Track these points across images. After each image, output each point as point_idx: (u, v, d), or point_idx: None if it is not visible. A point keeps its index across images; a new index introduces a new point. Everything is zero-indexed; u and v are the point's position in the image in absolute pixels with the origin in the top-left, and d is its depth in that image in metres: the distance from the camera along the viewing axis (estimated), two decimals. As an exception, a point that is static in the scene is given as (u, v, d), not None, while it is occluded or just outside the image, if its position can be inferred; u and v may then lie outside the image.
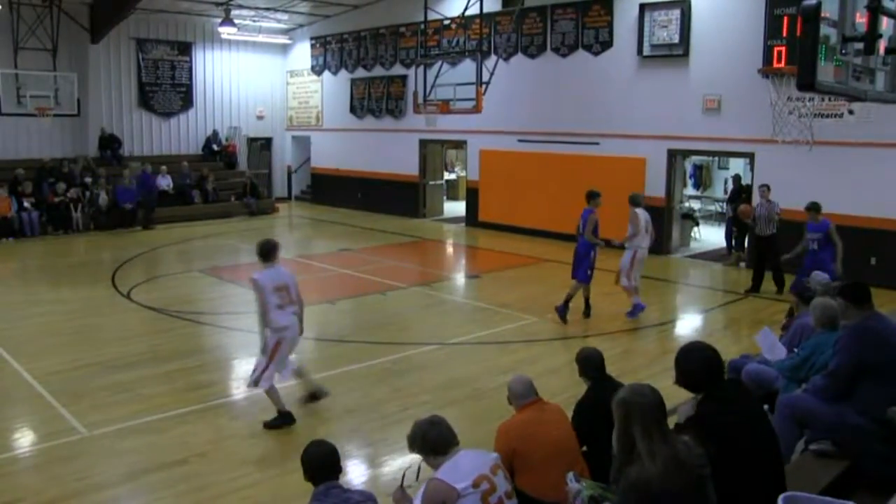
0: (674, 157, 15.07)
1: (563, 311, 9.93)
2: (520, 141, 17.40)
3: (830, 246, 10.04)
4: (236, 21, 20.40)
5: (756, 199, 11.93)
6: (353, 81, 21.99)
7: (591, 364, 4.77)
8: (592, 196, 10.22)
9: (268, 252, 6.69)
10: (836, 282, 7.02)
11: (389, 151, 20.99)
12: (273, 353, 6.60)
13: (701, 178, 20.49)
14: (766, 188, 11.69)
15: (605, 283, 12.00)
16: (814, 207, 10.33)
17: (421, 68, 15.20)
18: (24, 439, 6.46)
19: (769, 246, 11.61)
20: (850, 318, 4.62)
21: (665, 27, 14.50)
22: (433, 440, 3.71)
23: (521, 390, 4.37)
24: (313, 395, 7.03)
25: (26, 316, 10.41)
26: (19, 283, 13.45)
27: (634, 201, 10.53)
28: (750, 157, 14.19)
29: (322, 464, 3.55)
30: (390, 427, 6.55)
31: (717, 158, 19.50)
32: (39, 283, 13.25)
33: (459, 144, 20.35)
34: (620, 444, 3.02)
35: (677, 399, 4.03)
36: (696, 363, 3.58)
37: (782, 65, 11.28)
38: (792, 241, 11.39)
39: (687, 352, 3.66)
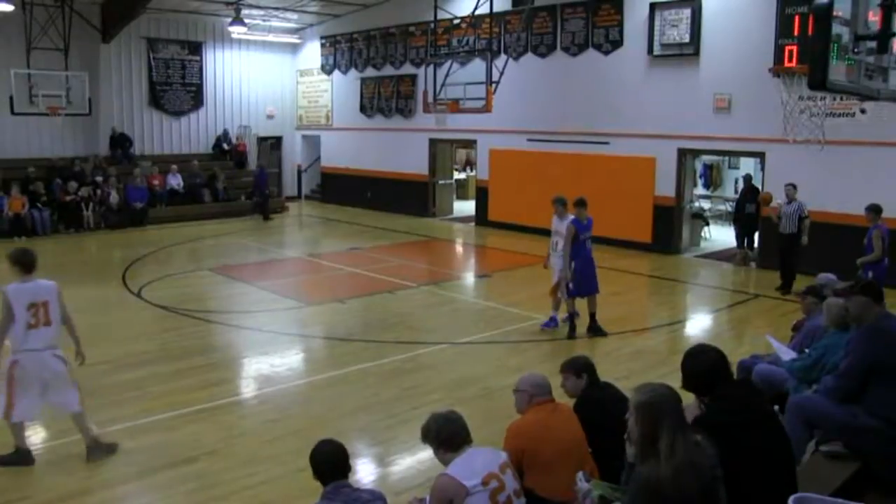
0: (684, 156, 15.01)
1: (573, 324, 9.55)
2: (529, 140, 17.37)
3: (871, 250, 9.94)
4: (246, 20, 20.45)
5: (780, 197, 11.86)
6: (363, 81, 22.02)
7: (587, 367, 4.73)
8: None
9: (25, 264, 5.81)
10: (843, 283, 6.96)
11: (399, 151, 21.00)
12: (10, 379, 5.63)
13: (711, 178, 20.43)
14: (791, 187, 11.64)
15: (612, 284, 11.98)
16: (871, 209, 10.11)
17: (431, 67, 15.18)
18: (35, 436, 6.48)
19: (790, 244, 11.60)
20: (869, 315, 4.54)
21: (675, 26, 14.45)
22: (446, 435, 3.71)
23: (537, 388, 4.29)
24: (95, 448, 5.89)
25: (38, 314, 10.45)
26: (31, 281, 13.52)
27: (566, 204, 9.35)
28: (761, 156, 14.12)
29: (331, 463, 3.54)
30: (399, 426, 6.56)
31: (727, 158, 19.42)
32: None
33: (469, 144, 20.34)
34: (643, 447, 2.97)
35: (684, 400, 4.01)
36: (703, 366, 3.56)
37: (793, 64, 11.20)
38: (814, 240, 11.40)
39: (693, 355, 3.63)
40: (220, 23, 21.67)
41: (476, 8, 15.34)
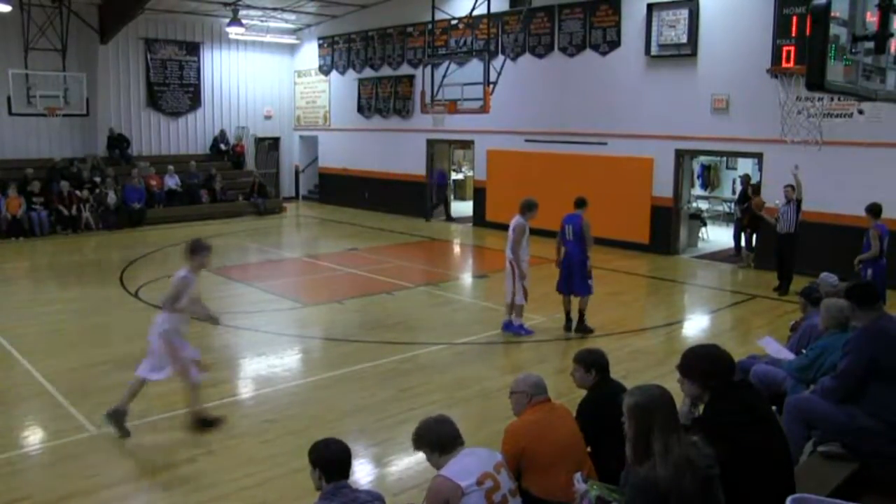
0: (682, 157, 15.02)
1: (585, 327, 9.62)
2: (527, 141, 17.38)
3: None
4: (244, 21, 20.45)
5: (779, 198, 11.88)
6: (361, 81, 22.02)
7: (598, 364, 4.73)
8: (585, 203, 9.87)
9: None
10: (842, 283, 6.98)
11: (397, 151, 20.99)
12: None
13: (709, 179, 20.43)
14: (790, 188, 11.65)
15: (610, 283, 12.00)
16: (871, 209, 10.08)
17: (428, 68, 15.19)
18: (33, 437, 6.49)
19: (789, 244, 11.62)
20: (857, 319, 4.58)
21: (673, 27, 14.46)
22: (439, 438, 3.71)
23: (535, 387, 4.29)
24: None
25: (36, 315, 10.44)
26: (29, 282, 13.51)
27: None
28: (758, 157, 14.13)
29: (338, 462, 3.50)
30: (397, 427, 6.55)
31: (725, 158, 19.44)
32: (48, 283, 13.28)
33: (466, 144, 20.36)
34: (638, 448, 2.98)
35: (678, 399, 4.02)
36: (723, 362, 3.56)
37: (791, 64, 11.22)
38: (811, 241, 11.42)
39: (711, 352, 3.63)
40: (218, 23, 21.66)
41: (474, 8, 15.36)
